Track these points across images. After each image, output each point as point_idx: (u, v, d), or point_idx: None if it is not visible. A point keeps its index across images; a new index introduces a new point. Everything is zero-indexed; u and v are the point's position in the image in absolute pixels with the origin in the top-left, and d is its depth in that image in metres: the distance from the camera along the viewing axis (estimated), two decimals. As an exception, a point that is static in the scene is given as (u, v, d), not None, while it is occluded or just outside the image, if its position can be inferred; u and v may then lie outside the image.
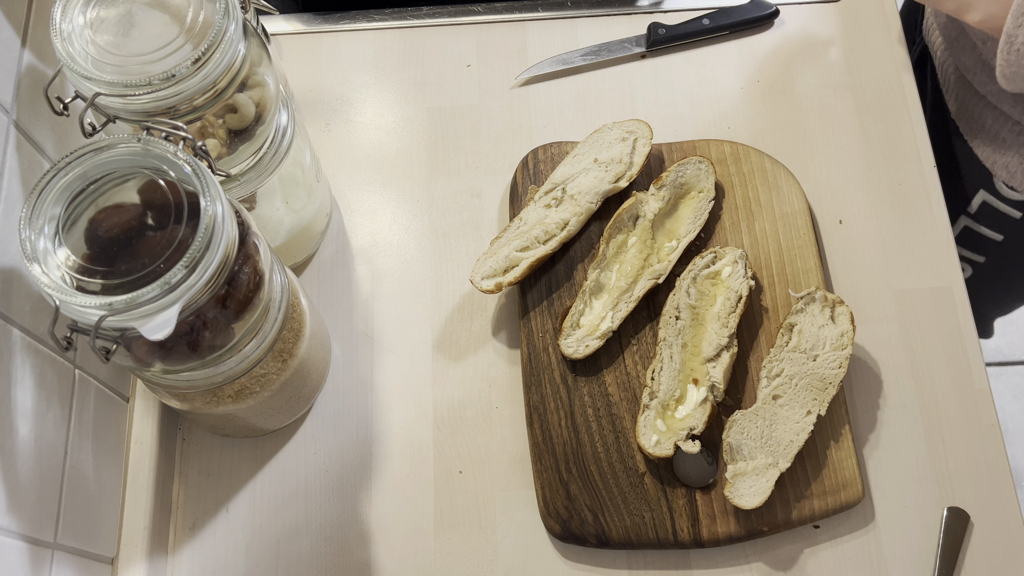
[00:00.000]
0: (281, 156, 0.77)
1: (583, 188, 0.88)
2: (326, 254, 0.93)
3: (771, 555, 0.81)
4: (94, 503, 0.76)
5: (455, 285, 0.91)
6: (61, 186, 0.59)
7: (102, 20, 0.64)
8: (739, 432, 0.79)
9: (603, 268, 0.86)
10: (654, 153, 0.93)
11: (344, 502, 0.83)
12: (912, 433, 0.84)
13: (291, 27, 1.03)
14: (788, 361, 0.81)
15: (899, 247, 0.92)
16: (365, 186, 0.96)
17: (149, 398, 0.84)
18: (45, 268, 0.57)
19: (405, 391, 0.87)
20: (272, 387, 0.76)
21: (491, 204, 0.95)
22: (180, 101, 0.63)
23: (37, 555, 0.66)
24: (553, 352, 0.85)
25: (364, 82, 1.00)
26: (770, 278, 0.88)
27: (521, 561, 0.81)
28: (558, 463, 0.81)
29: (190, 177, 0.59)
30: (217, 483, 0.84)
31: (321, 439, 0.86)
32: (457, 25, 1.03)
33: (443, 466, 0.85)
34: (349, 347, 0.89)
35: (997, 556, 0.80)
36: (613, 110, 0.99)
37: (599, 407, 0.83)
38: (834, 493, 0.80)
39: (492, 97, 1.00)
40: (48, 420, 0.70)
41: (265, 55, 0.71)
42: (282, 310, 0.73)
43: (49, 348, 0.71)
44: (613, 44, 1.00)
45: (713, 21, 1.01)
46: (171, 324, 0.57)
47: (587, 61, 0.99)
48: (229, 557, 0.82)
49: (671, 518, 0.80)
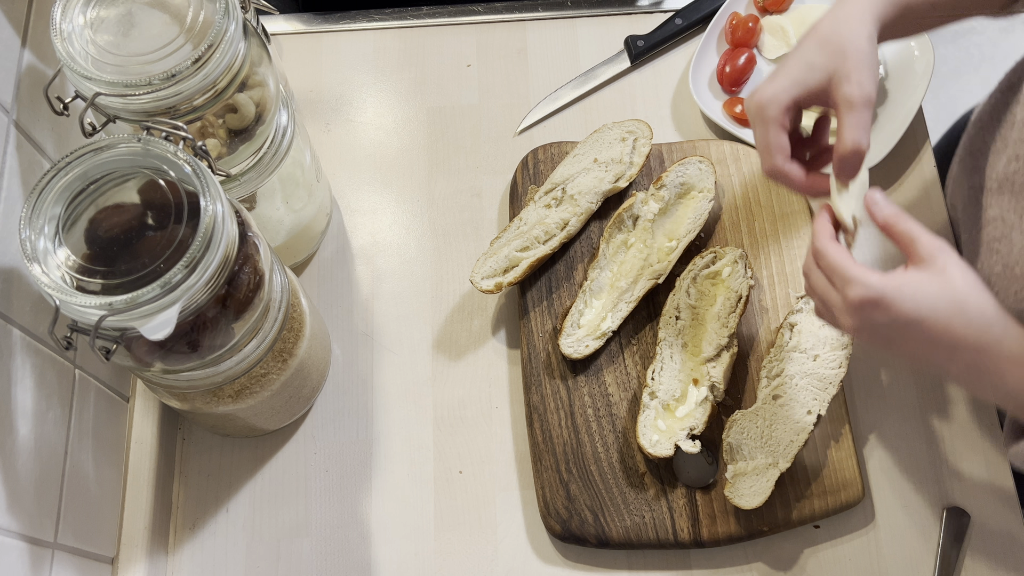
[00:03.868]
0: (281, 156, 0.77)
1: (583, 188, 0.88)
2: (326, 254, 0.93)
3: (771, 555, 0.81)
4: (94, 503, 0.76)
5: (455, 285, 0.91)
6: (61, 186, 0.59)
7: (102, 20, 0.64)
8: (739, 432, 0.79)
9: (603, 268, 0.86)
10: (654, 153, 0.93)
11: (344, 502, 0.83)
12: (912, 433, 0.84)
13: (291, 27, 1.03)
14: (788, 361, 0.81)
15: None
16: (365, 186, 0.96)
17: (149, 398, 0.84)
18: (45, 268, 0.57)
19: (405, 391, 0.87)
20: (272, 387, 0.76)
21: (491, 204, 0.95)
22: (180, 101, 0.63)
23: (37, 555, 0.66)
24: (553, 352, 0.85)
25: (364, 82, 1.00)
26: (770, 278, 0.88)
27: (521, 561, 0.81)
28: (558, 463, 0.81)
29: (190, 177, 0.59)
30: (217, 483, 0.84)
31: (321, 439, 0.86)
32: (457, 25, 1.03)
33: (443, 466, 0.84)
34: (349, 347, 0.89)
35: (997, 556, 0.80)
36: (613, 110, 0.99)
37: (599, 407, 0.83)
38: (834, 493, 0.80)
39: (492, 97, 1.00)
40: (48, 420, 0.70)
41: (265, 55, 0.71)
42: (282, 310, 0.73)
43: (49, 348, 0.71)
44: (598, 68, 1.00)
45: (685, 19, 1.01)
46: (171, 324, 0.57)
47: (579, 92, 0.99)
48: (229, 557, 0.82)
49: (671, 518, 0.80)
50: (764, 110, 0.67)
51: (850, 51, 0.65)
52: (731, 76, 0.97)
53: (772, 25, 0.99)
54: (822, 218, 0.67)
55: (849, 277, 0.62)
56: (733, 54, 0.97)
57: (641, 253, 0.86)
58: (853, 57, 0.65)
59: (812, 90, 0.67)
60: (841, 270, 0.63)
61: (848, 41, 0.66)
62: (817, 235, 0.66)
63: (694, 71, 0.97)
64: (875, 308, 0.61)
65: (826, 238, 0.65)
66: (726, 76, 0.97)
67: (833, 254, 0.64)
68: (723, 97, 0.97)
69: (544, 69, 1.01)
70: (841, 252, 0.64)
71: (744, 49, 0.98)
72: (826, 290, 0.65)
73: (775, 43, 0.99)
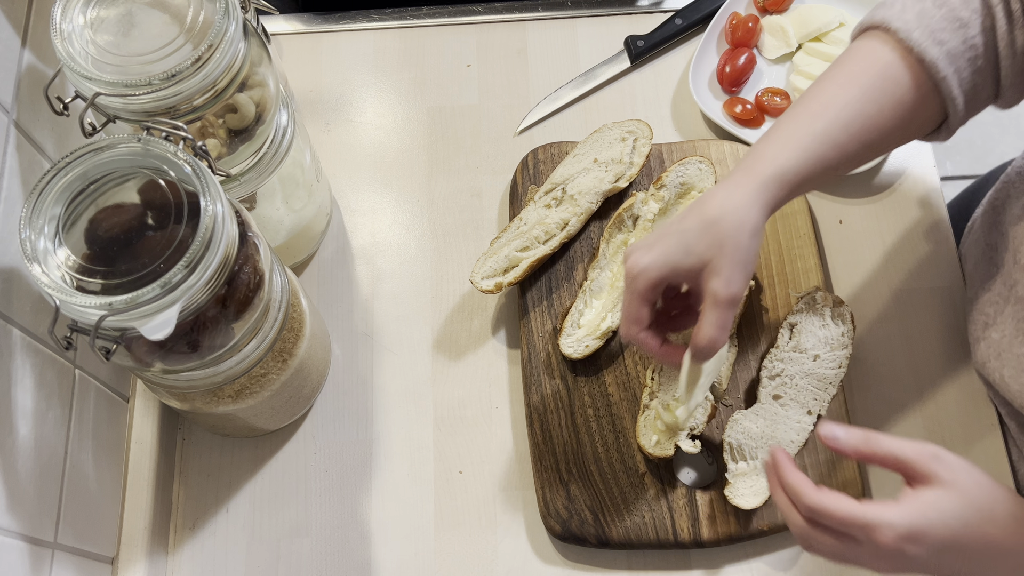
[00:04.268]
0: (281, 156, 0.77)
1: (583, 188, 0.88)
2: (326, 254, 0.93)
3: (771, 555, 0.81)
4: (94, 503, 0.76)
5: (455, 285, 0.91)
6: (61, 186, 0.59)
7: (102, 20, 0.64)
8: (739, 432, 0.79)
9: (603, 268, 0.86)
10: (654, 153, 0.93)
11: (344, 502, 0.83)
12: (912, 433, 0.84)
13: (291, 27, 1.03)
14: (788, 361, 0.81)
15: (899, 247, 0.92)
16: (365, 186, 0.96)
17: (149, 398, 0.84)
18: (45, 268, 0.57)
19: (405, 391, 0.87)
20: (272, 387, 0.76)
21: (491, 204, 0.95)
22: (180, 101, 0.63)
23: (37, 555, 0.66)
24: (553, 352, 0.85)
25: (364, 82, 1.00)
26: (770, 278, 0.88)
27: (521, 561, 0.81)
28: (558, 463, 0.81)
29: (190, 177, 0.59)
30: (217, 483, 0.84)
31: (321, 439, 0.86)
32: (457, 25, 1.03)
33: (443, 466, 0.84)
34: (349, 347, 0.89)
35: (997, 556, 0.80)
36: (613, 110, 0.99)
37: (599, 407, 0.83)
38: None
39: (492, 97, 1.00)
40: (48, 420, 0.70)
41: (265, 55, 0.71)
42: (282, 310, 0.73)
43: (49, 348, 0.71)
44: (598, 68, 1.00)
45: (685, 19, 1.01)
46: (171, 324, 0.57)
47: (579, 92, 0.99)
48: (229, 557, 0.82)
49: (671, 518, 0.80)
50: (633, 280, 0.66)
51: (728, 246, 0.63)
52: (731, 76, 0.97)
53: (772, 25, 0.99)
54: (787, 465, 0.62)
55: (872, 524, 0.58)
56: (733, 54, 0.97)
57: (641, 253, 0.86)
58: (730, 254, 0.64)
59: (683, 272, 0.66)
60: (859, 520, 0.58)
61: (729, 235, 0.64)
62: (803, 491, 0.60)
63: (694, 71, 0.97)
64: (911, 543, 0.58)
65: (819, 494, 0.60)
66: (726, 76, 0.97)
67: (839, 508, 0.59)
68: (723, 97, 0.97)
69: (544, 69, 1.01)
70: (846, 502, 0.59)
71: (744, 49, 0.98)
72: (845, 548, 0.60)
73: (775, 43, 0.99)
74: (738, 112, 0.95)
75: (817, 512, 0.60)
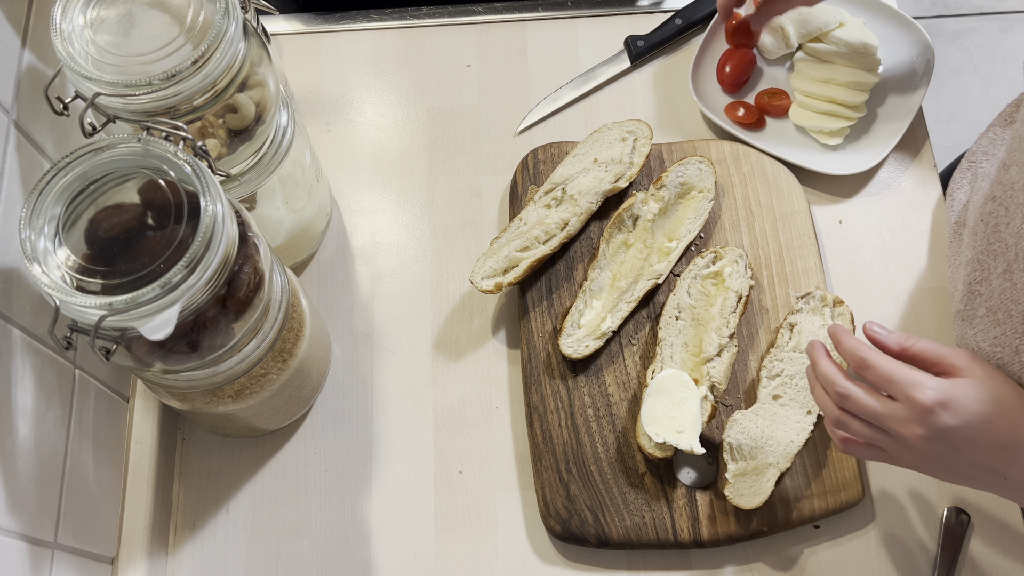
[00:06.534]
0: (281, 156, 0.77)
1: (583, 188, 0.88)
2: (326, 254, 0.93)
3: (771, 555, 0.81)
4: (94, 503, 0.76)
5: (455, 285, 0.91)
6: (61, 186, 0.59)
7: (102, 20, 0.64)
8: (739, 432, 0.79)
9: (603, 268, 0.86)
10: (654, 153, 0.93)
11: (344, 502, 0.83)
12: (912, 433, 0.84)
13: (291, 27, 1.03)
14: (788, 361, 0.81)
15: (899, 247, 0.92)
16: (365, 186, 0.96)
17: (149, 398, 0.84)
18: (45, 268, 0.57)
19: (405, 391, 0.87)
20: (272, 387, 0.76)
21: (491, 204, 0.95)
22: (180, 101, 0.63)
23: (37, 555, 0.66)
24: (553, 352, 0.85)
25: (364, 82, 1.00)
26: (770, 278, 0.88)
27: (521, 561, 0.81)
28: (558, 463, 0.81)
29: (190, 177, 0.59)
30: (217, 483, 0.84)
31: (321, 439, 0.86)
32: (457, 25, 1.03)
33: (443, 466, 0.85)
34: (349, 347, 0.89)
35: (997, 556, 0.80)
36: (613, 110, 0.99)
37: (599, 407, 0.83)
38: (834, 493, 0.80)
39: (492, 97, 1.00)
40: (48, 420, 0.70)
41: (265, 55, 0.71)
42: (282, 310, 0.73)
43: (49, 348, 0.71)
44: (598, 68, 1.00)
45: (685, 19, 1.01)
46: (171, 324, 0.57)
47: (579, 92, 0.99)
48: (229, 557, 0.82)
49: (671, 518, 0.80)
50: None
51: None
52: (731, 76, 0.97)
53: (772, 25, 0.99)
54: (822, 357, 0.68)
55: (915, 380, 0.60)
56: (733, 54, 0.97)
57: (641, 253, 0.86)
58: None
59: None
60: (903, 375, 0.61)
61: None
62: (855, 347, 0.65)
63: (694, 71, 0.97)
64: (946, 409, 0.60)
65: (867, 348, 0.64)
66: (726, 76, 0.97)
67: (885, 362, 0.62)
68: (723, 97, 0.97)
69: (544, 69, 1.01)
70: (891, 359, 0.63)
71: (744, 49, 0.98)
72: (880, 405, 0.62)
73: (775, 43, 0.99)
74: (740, 116, 0.95)
75: (863, 364, 0.63)
